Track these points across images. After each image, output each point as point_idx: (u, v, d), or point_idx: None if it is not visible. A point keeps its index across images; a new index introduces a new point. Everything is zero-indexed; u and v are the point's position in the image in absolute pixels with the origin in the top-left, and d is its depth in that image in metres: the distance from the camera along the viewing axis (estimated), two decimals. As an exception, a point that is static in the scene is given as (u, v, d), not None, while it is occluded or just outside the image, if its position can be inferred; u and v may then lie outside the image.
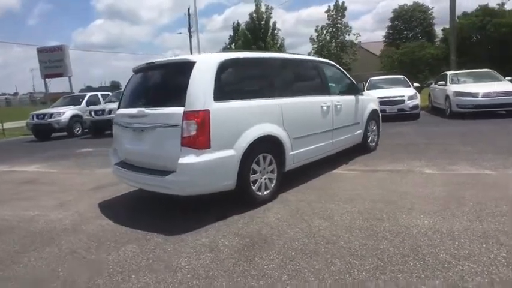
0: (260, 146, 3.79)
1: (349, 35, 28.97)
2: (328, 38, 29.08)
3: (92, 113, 12.56)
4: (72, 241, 3.31)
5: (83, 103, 14.08)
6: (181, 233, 3.27)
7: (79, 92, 26.49)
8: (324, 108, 4.94)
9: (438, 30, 32.76)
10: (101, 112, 12.36)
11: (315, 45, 29.27)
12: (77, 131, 13.59)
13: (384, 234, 3.02)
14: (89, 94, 15.12)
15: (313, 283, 2.35)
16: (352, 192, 4.24)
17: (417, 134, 8.40)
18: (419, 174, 4.92)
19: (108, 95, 15.01)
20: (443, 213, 3.38)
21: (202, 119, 3.26)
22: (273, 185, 4.05)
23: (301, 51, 63.51)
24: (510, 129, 8.32)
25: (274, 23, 29.19)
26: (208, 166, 3.34)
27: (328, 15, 28.74)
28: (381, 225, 3.23)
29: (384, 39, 38.80)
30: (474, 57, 17.05)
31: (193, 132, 3.24)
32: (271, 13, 28.90)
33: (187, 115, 3.26)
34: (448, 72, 12.33)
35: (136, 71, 4.25)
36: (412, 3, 36.84)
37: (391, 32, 38.09)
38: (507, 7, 20.39)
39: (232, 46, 32.07)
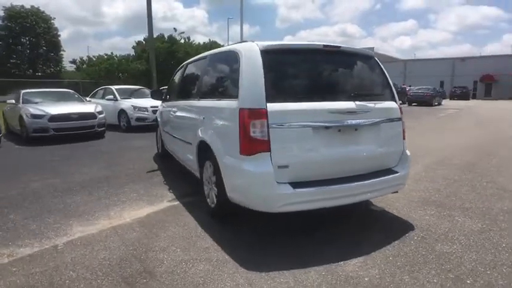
0: None
1: None
2: None
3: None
4: None
5: None
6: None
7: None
8: None
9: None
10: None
11: None
12: None
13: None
14: None
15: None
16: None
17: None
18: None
19: None
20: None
21: None
22: None
23: None
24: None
25: None
26: None
27: None
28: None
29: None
30: (166, 74, 21.02)
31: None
32: None
33: (400, 109, 3.24)
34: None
35: (304, 51, 3.00)
36: (30, 7, 32.93)
37: (4, 33, 32.21)
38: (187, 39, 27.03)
39: None
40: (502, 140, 8.27)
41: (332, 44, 2.99)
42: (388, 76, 3.29)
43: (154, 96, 6.05)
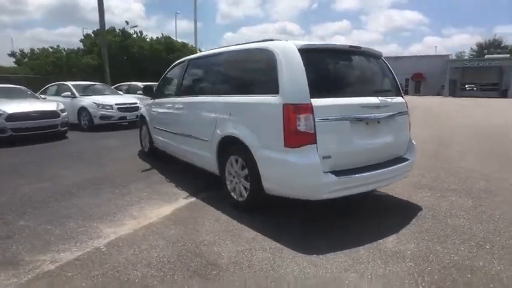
0: None
1: None
2: None
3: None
4: None
5: None
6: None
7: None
8: None
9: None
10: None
11: None
12: None
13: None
14: None
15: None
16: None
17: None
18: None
19: None
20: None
21: None
22: None
23: None
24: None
25: None
26: None
27: None
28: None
29: None
30: (119, 70, 20.48)
31: None
32: None
33: (406, 103, 3.68)
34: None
35: (333, 51, 3.27)
36: None
37: None
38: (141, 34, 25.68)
39: None
40: (451, 129, 9.42)
41: (355, 45, 3.30)
42: (394, 73, 3.69)
43: (146, 93, 5.83)
